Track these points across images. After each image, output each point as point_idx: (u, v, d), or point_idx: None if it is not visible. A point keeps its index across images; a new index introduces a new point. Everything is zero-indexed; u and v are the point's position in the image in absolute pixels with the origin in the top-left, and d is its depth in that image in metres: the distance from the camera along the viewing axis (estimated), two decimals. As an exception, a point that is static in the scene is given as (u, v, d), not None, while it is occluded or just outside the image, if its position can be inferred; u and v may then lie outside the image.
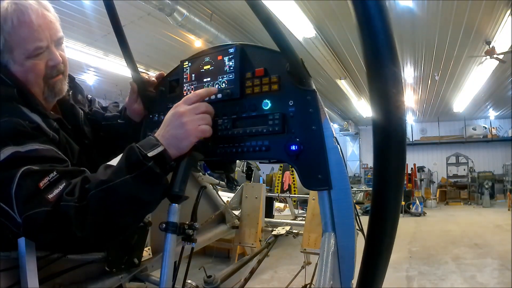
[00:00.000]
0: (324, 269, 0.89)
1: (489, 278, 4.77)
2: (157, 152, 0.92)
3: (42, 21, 1.08)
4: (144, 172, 0.89)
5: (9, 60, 1.07)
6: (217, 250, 4.42)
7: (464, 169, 16.40)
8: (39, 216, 0.86)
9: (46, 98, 1.15)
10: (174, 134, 0.96)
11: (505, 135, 16.68)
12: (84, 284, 1.26)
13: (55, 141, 1.07)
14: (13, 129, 0.94)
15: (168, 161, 0.94)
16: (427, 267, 5.36)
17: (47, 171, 0.91)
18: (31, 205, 0.87)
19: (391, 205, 0.75)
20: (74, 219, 0.86)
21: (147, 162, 0.89)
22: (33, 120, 1.02)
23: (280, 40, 0.89)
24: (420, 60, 9.12)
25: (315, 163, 0.95)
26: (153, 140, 0.95)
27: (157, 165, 0.91)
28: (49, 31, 1.10)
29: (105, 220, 0.90)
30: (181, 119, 0.98)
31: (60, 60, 1.14)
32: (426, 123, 18.26)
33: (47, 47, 1.10)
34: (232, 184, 6.77)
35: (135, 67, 1.29)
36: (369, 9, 0.58)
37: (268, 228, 2.31)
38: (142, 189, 0.90)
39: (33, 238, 0.93)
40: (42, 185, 0.88)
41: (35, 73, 1.10)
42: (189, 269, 1.21)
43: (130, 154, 0.91)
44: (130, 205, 0.92)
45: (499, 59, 7.62)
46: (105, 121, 1.41)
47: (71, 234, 0.87)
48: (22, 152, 0.92)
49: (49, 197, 0.88)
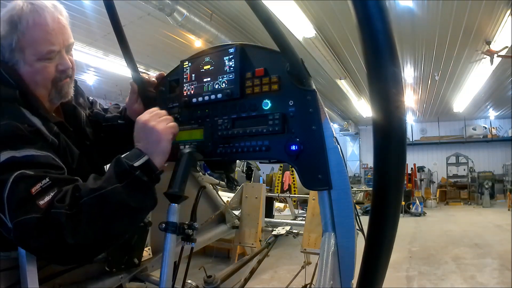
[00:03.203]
0: (324, 269, 0.89)
1: (489, 278, 4.77)
2: (142, 162, 0.97)
3: (56, 25, 1.09)
4: (133, 181, 0.93)
5: (19, 59, 1.07)
6: (217, 250, 4.42)
7: (464, 169, 16.39)
8: (30, 223, 0.85)
9: (51, 100, 1.16)
10: (150, 140, 1.02)
11: (505, 135, 16.67)
12: (84, 284, 1.27)
13: (54, 145, 1.06)
14: (11, 133, 0.94)
15: (154, 169, 0.99)
16: (427, 267, 5.36)
17: (40, 177, 0.91)
18: (22, 211, 0.86)
19: (391, 205, 0.74)
20: (65, 226, 0.86)
21: (134, 171, 0.94)
22: (33, 124, 1.02)
23: (280, 40, 0.89)
24: (420, 60, 9.11)
25: (315, 163, 0.95)
26: (137, 151, 1.00)
27: (144, 174, 0.95)
28: (62, 36, 1.11)
29: (97, 227, 0.90)
30: (148, 124, 1.04)
31: (70, 65, 1.16)
32: (426, 123, 18.25)
33: (59, 51, 1.11)
34: (232, 184, 6.74)
35: (135, 67, 1.29)
36: (369, 9, 0.58)
37: (268, 228, 2.31)
38: (132, 197, 0.93)
39: (23, 244, 0.92)
40: (34, 191, 0.88)
41: (44, 76, 1.10)
42: (189, 269, 1.21)
43: (117, 165, 0.95)
44: (121, 213, 0.93)
45: (503, 55, 7.57)
46: (106, 122, 1.42)
47: (62, 242, 0.86)
48: (18, 157, 0.91)
49: (40, 203, 0.87)
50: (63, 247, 0.87)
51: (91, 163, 1.25)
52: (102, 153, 1.37)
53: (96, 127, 1.39)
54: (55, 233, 0.86)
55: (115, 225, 0.94)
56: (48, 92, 1.13)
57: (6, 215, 0.87)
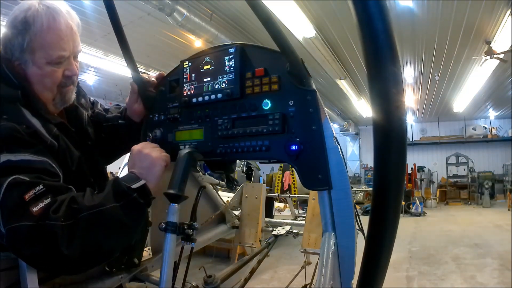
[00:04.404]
0: (324, 269, 0.89)
1: (489, 278, 4.76)
2: (139, 185, 1.01)
3: (69, 31, 1.10)
4: (130, 202, 0.97)
5: (28, 60, 1.07)
6: (217, 250, 4.42)
7: (464, 169, 16.37)
8: (22, 230, 0.86)
9: (55, 104, 1.17)
10: (145, 166, 1.06)
11: (505, 135, 16.66)
12: (84, 284, 1.26)
13: (53, 148, 1.06)
14: (9, 135, 0.94)
15: (148, 194, 1.02)
16: (427, 267, 5.36)
17: (34, 184, 0.91)
18: (15, 217, 0.87)
19: (392, 205, 0.74)
20: (60, 237, 0.86)
21: (132, 193, 0.98)
22: (32, 125, 1.02)
23: (280, 40, 0.89)
24: (420, 60, 9.11)
25: (315, 163, 0.95)
26: (133, 176, 1.04)
27: (140, 197, 0.99)
28: (73, 43, 1.13)
29: (91, 241, 0.92)
30: (144, 151, 1.09)
31: (77, 72, 1.17)
32: (426, 123, 18.25)
33: (68, 57, 1.12)
34: (232, 184, 6.74)
35: (135, 67, 1.29)
36: (369, 9, 0.58)
37: (268, 228, 2.30)
38: (128, 217, 0.97)
39: (16, 251, 0.92)
40: (27, 198, 0.88)
41: (51, 79, 1.11)
42: (189, 269, 1.21)
43: (116, 185, 0.99)
44: (116, 230, 0.97)
45: (500, 58, 7.60)
46: (107, 122, 1.42)
47: (54, 252, 0.87)
48: (14, 161, 0.92)
49: (33, 210, 0.88)
50: (55, 257, 0.88)
51: (92, 164, 1.26)
52: (103, 153, 1.38)
53: (97, 127, 1.39)
54: (49, 242, 0.86)
55: (108, 241, 0.97)
56: (53, 96, 1.15)
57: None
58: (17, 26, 1.05)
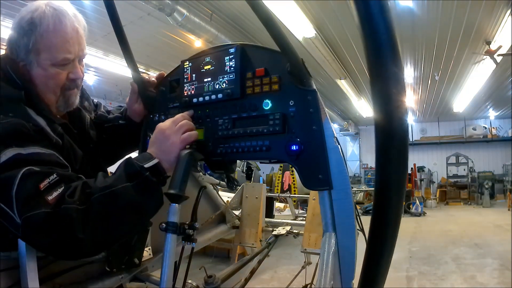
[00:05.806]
0: (325, 269, 0.89)
1: (489, 278, 4.76)
2: (152, 164, 1.00)
3: (75, 34, 1.11)
4: (143, 181, 0.96)
5: (33, 61, 1.07)
6: (217, 250, 4.42)
7: (464, 169, 16.37)
8: (39, 218, 0.86)
9: (58, 107, 1.17)
10: (162, 149, 1.05)
11: (505, 135, 16.66)
12: (84, 284, 1.26)
13: (58, 146, 1.07)
14: (17, 131, 0.94)
15: (162, 172, 1.02)
16: (427, 267, 5.36)
17: (48, 173, 0.92)
18: (31, 206, 0.87)
19: (393, 205, 0.74)
20: (75, 221, 0.87)
21: (144, 172, 0.97)
22: (37, 123, 1.02)
23: (281, 40, 0.89)
24: (420, 60, 9.11)
25: (316, 163, 0.95)
26: (147, 155, 1.03)
27: (153, 176, 0.98)
28: (79, 46, 1.13)
29: (105, 223, 0.92)
30: (164, 133, 1.07)
31: (81, 76, 1.17)
32: (426, 123, 18.25)
33: (73, 60, 1.12)
34: (232, 184, 6.77)
35: (136, 67, 1.29)
36: (371, 9, 0.58)
37: (268, 228, 2.30)
38: (141, 197, 0.96)
39: (31, 240, 0.92)
40: (42, 187, 0.89)
41: (56, 81, 1.11)
42: (189, 269, 1.21)
43: (128, 165, 0.98)
44: (129, 211, 0.96)
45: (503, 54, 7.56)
46: (108, 123, 1.42)
47: (69, 237, 0.88)
48: (24, 154, 0.92)
49: (48, 199, 0.89)
50: (71, 242, 0.89)
51: (94, 165, 1.26)
52: (105, 154, 1.38)
53: (99, 129, 1.40)
54: (65, 227, 0.87)
55: (122, 222, 0.96)
56: (56, 98, 1.15)
57: (14, 211, 0.87)
58: (24, 27, 1.05)
